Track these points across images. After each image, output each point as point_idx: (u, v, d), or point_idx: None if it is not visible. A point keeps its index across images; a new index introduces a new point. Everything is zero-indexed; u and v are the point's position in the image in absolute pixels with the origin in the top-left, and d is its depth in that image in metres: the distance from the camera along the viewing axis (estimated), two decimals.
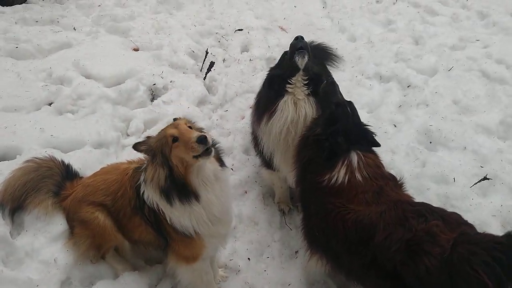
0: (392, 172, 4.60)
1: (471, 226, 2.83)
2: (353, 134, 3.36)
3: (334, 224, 3.09)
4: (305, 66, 3.79)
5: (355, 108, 3.58)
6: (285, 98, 3.87)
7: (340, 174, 3.19)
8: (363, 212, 2.98)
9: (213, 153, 2.99)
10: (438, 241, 2.61)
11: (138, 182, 3.23)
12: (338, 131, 3.32)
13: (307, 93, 3.84)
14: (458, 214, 2.93)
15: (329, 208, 3.14)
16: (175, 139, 2.97)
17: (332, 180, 3.19)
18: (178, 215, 3.10)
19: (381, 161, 3.47)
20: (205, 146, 2.89)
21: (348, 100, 3.66)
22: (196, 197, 3.05)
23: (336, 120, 3.39)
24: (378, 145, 3.51)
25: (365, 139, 3.44)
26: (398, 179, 3.37)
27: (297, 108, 3.84)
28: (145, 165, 3.17)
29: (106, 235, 3.42)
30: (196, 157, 2.94)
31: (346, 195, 3.14)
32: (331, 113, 3.46)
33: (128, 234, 3.49)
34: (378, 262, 2.83)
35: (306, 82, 3.83)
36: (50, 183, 3.68)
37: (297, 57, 3.78)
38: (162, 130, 3.12)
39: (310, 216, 3.45)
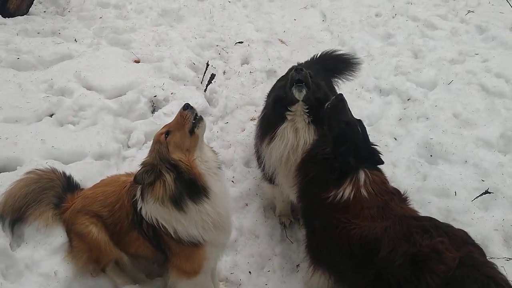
0: (393, 185, 4.67)
1: (478, 248, 2.81)
2: (362, 153, 3.36)
3: (339, 239, 3.08)
4: (304, 97, 3.77)
5: (365, 127, 3.56)
6: (284, 125, 3.88)
7: (346, 191, 3.18)
8: (368, 227, 2.97)
9: (204, 120, 3.12)
10: (443, 259, 2.60)
11: (135, 198, 3.21)
12: (349, 151, 3.30)
13: (307, 121, 3.85)
14: (465, 232, 2.91)
15: (334, 224, 3.12)
16: (166, 133, 3.02)
17: (338, 197, 3.18)
18: (187, 224, 3.06)
19: (386, 177, 3.47)
20: (194, 111, 3.05)
21: (358, 118, 3.63)
22: (206, 192, 3.04)
23: (346, 139, 3.37)
24: (382, 162, 3.51)
25: (373, 158, 3.44)
26: (402, 193, 3.37)
27: (297, 136, 3.84)
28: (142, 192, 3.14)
29: (101, 249, 3.39)
30: (192, 130, 3.02)
31: (352, 211, 3.13)
32: (340, 131, 3.42)
33: (125, 247, 3.46)
34: (382, 278, 2.81)
35: (306, 110, 3.84)
36: (51, 195, 3.66)
37: (294, 91, 3.76)
38: (152, 144, 3.15)
39: (314, 232, 3.43)
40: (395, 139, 5.37)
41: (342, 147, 3.33)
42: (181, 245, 3.14)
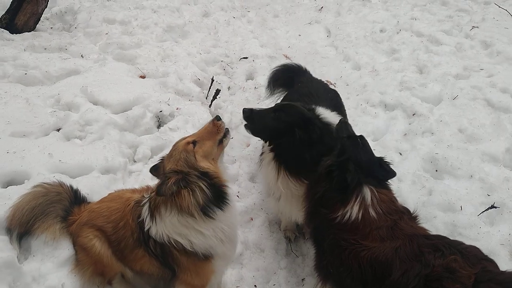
0: (398, 199, 4.66)
1: (492, 262, 2.75)
2: (365, 167, 3.31)
3: (348, 262, 3.02)
4: (252, 133, 3.98)
5: (367, 142, 3.55)
6: (263, 155, 4.07)
7: (353, 210, 3.13)
8: (378, 249, 2.91)
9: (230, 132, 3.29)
10: (458, 278, 2.54)
11: (141, 218, 3.22)
12: (348, 160, 3.28)
13: (271, 157, 3.89)
14: (477, 248, 2.85)
15: (343, 245, 3.07)
16: (193, 142, 3.04)
17: (346, 216, 3.13)
18: (208, 233, 3.08)
19: (395, 196, 3.41)
20: (224, 123, 3.18)
21: (360, 134, 3.63)
22: (228, 198, 3.10)
23: (346, 151, 3.37)
24: (394, 174, 3.46)
25: (380, 171, 3.38)
26: (412, 212, 3.31)
27: (267, 171, 3.95)
28: (157, 205, 3.11)
29: (104, 263, 3.40)
30: (221, 140, 3.14)
31: (360, 232, 3.07)
32: (342, 145, 3.44)
33: (129, 264, 3.46)
34: None
35: (269, 147, 3.92)
36: (58, 208, 3.67)
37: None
38: (172, 153, 3.13)
39: (324, 253, 3.35)
40: (400, 154, 5.37)
41: (343, 156, 3.34)
42: (192, 259, 3.15)
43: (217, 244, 3.13)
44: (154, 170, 3.29)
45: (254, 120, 3.90)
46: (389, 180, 3.46)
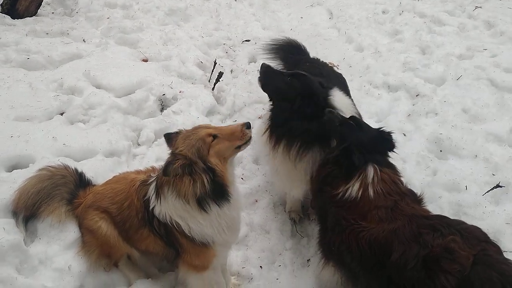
0: (403, 180, 4.66)
1: (494, 245, 2.71)
2: (367, 145, 3.32)
3: (348, 241, 3.04)
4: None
5: (361, 120, 3.56)
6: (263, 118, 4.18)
7: (354, 188, 3.14)
8: (376, 230, 2.91)
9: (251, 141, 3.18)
10: (457, 258, 2.52)
11: (147, 197, 3.22)
12: (350, 145, 3.29)
13: (267, 116, 4.00)
14: (479, 228, 2.82)
15: (343, 225, 3.09)
16: (214, 136, 3.00)
17: (347, 194, 3.14)
18: (204, 224, 3.08)
19: (400, 177, 3.40)
20: (251, 131, 3.10)
21: (351, 116, 3.62)
22: (229, 197, 3.07)
23: (345, 137, 3.37)
24: (393, 146, 3.48)
25: (383, 143, 3.41)
26: (417, 194, 3.30)
27: (261, 130, 4.02)
28: (161, 184, 3.10)
29: (111, 244, 3.42)
30: (240, 146, 3.07)
31: (359, 211, 3.08)
32: (339, 133, 3.45)
33: (135, 244, 3.48)
34: (395, 283, 2.77)
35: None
36: (64, 191, 3.68)
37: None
38: (190, 136, 3.04)
39: (326, 230, 3.39)
40: (404, 135, 5.36)
41: (343, 145, 3.34)
42: (191, 242, 3.16)
43: (215, 234, 3.14)
44: (168, 137, 3.21)
45: (269, 77, 3.96)
46: (394, 161, 3.48)
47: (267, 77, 3.98)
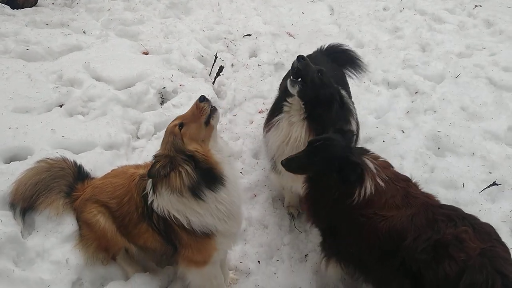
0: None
1: (503, 244, 2.76)
2: (346, 147, 3.25)
3: (368, 236, 3.02)
4: (298, 93, 3.70)
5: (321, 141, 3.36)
6: (281, 116, 3.90)
7: (367, 185, 3.09)
8: (395, 217, 2.94)
9: (218, 110, 3.15)
10: (465, 248, 2.59)
11: (145, 191, 3.23)
12: (342, 159, 3.16)
13: (303, 116, 3.78)
14: (491, 226, 2.87)
15: (362, 222, 3.06)
16: (180, 125, 3.01)
17: (362, 194, 3.09)
18: (203, 213, 3.08)
19: (389, 166, 3.39)
20: (210, 103, 3.07)
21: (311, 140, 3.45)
22: (222, 179, 3.06)
23: (332, 157, 3.19)
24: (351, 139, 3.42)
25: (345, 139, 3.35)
26: (411, 179, 3.33)
27: (290, 129, 3.82)
28: (154, 185, 3.12)
29: (108, 238, 3.41)
30: (208, 120, 3.04)
31: (376, 204, 3.06)
32: (321, 159, 3.24)
33: (133, 239, 3.48)
34: (405, 265, 2.81)
35: (303, 105, 3.76)
36: (62, 184, 3.67)
37: (289, 84, 3.72)
38: (163, 138, 3.12)
39: (339, 236, 3.31)
40: (403, 132, 5.37)
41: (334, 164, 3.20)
42: (192, 236, 3.16)
43: (216, 223, 3.13)
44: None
45: (309, 72, 3.70)
46: (391, 158, 3.47)
47: (305, 79, 3.71)
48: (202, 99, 3.08)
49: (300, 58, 3.71)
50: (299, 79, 3.70)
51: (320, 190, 3.32)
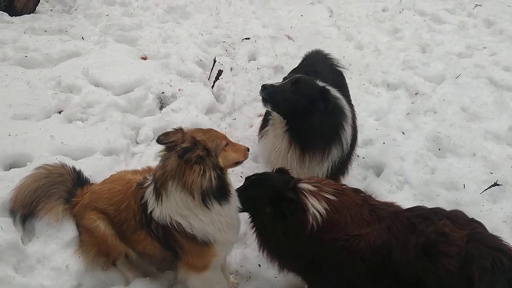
0: (401, 178, 4.67)
1: (479, 223, 2.80)
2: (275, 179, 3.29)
3: (350, 260, 2.91)
4: (273, 110, 3.85)
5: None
6: (268, 127, 4.05)
7: (316, 205, 3.00)
8: (371, 234, 2.86)
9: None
10: (453, 241, 2.58)
11: (144, 200, 3.21)
12: (271, 192, 3.17)
13: (284, 130, 3.89)
14: (461, 211, 2.90)
15: (338, 247, 2.93)
16: (227, 143, 3.12)
17: (317, 216, 2.98)
18: (205, 221, 3.09)
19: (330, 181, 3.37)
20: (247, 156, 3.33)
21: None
22: (229, 197, 3.12)
23: (262, 195, 3.22)
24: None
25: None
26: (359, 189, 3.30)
27: (275, 142, 3.96)
28: (166, 175, 3.05)
29: (108, 243, 3.40)
30: (239, 162, 3.24)
31: (343, 222, 2.96)
32: (249, 196, 3.31)
33: (132, 245, 3.48)
34: (401, 277, 2.73)
35: (282, 119, 3.88)
36: (61, 190, 3.66)
37: (262, 102, 3.86)
38: (210, 132, 3.14)
39: (323, 273, 3.15)
40: (403, 133, 5.37)
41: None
42: (192, 242, 3.16)
43: (216, 232, 3.14)
44: (165, 135, 3.11)
45: (275, 96, 3.80)
46: (391, 159, 3.43)
47: (273, 97, 3.82)
48: (248, 150, 3.32)
49: (263, 88, 3.80)
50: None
51: (264, 232, 3.30)
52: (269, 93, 3.79)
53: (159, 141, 3.05)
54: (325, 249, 3.01)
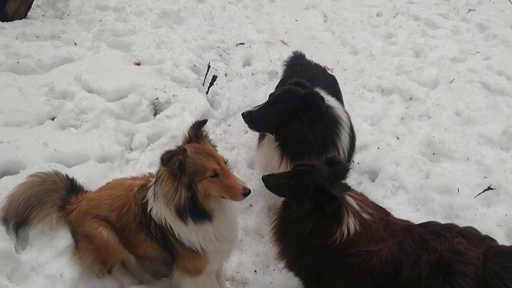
0: (396, 183, 4.67)
1: (493, 240, 2.77)
2: (328, 178, 3.08)
3: (359, 277, 2.87)
4: (259, 131, 4.18)
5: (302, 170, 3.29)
6: (264, 140, 4.16)
7: (350, 224, 2.93)
8: (384, 250, 2.83)
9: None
10: (468, 259, 2.54)
11: (145, 199, 3.22)
12: (320, 188, 3.00)
13: (276, 144, 3.97)
14: (475, 228, 2.85)
15: (350, 263, 2.89)
16: (215, 175, 2.99)
17: (345, 233, 2.93)
18: (187, 231, 3.11)
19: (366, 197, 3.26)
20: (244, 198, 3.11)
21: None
22: (210, 218, 3.07)
23: (307, 185, 3.05)
24: (346, 173, 3.27)
25: (338, 169, 3.20)
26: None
27: (269, 155, 4.06)
28: (157, 179, 3.10)
29: (110, 250, 3.39)
30: (225, 198, 3.09)
31: (363, 241, 2.92)
32: (295, 185, 3.13)
33: (133, 249, 3.47)
34: None
35: (272, 135, 4.01)
36: (55, 197, 3.65)
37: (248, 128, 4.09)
38: (201, 154, 3.02)
39: (326, 283, 3.15)
40: (398, 138, 5.37)
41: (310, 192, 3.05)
42: (183, 247, 3.18)
43: (203, 242, 3.16)
44: (200, 123, 3.18)
45: (256, 121, 3.94)
46: (386, 164, 3.38)
47: (255, 122, 3.97)
48: (247, 193, 3.07)
49: (242, 116, 3.97)
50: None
51: (290, 221, 3.14)
52: (249, 120, 3.94)
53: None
54: (337, 263, 2.98)
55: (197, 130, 3.14)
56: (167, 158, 2.88)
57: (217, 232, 3.17)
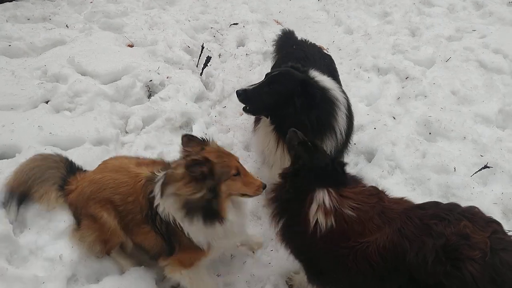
0: (392, 163, 4.66)
1: (498, 223, 2.68)
2: (319, 171, 3.02)
3: (357, 266, 2.80)
4: (254, 114, 4.11)
5: (320, 145, 3.34)
6: (259, 125, 4.10)
7: (320, 219, 2.88)
8: (380, 238, 2.73)
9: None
10: (475, 244, 2.47)
11: (152, 194, 3.25)
12: (302, 166, 3.05)
13: (271, 128, 3.91)
14: (476, 208, 2.76)
15: (345, 253, 2.83)
16: (237, 173, 3.12)
17: (321, 226, 2.87)
18: (195, 231, 3.17)
19: (365, 185, 3.17)
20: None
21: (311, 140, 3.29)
22: (222, 221, 3.12)
23: (301, 157, 3.10)
24: (345, 177, 3.12)
25: (333, 174, 3.07)
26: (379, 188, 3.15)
27: (265, 139, 4.00)
28: (169, 176, 3.15)
29: (112, 231, 3.42)
30: (247, 195, 3.22)
31: (354, 234, 2.84)
32: (295, 151, 3.17)
33: (132, 236, 3.51)
34: (416, 281, 2.64)
35: (267, 118, 3.93)
36: (56, 175, 3.66)
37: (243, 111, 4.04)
38: (223, 157, 3.15)
39: (323, 273, 3.13)
40: (394, 118, 5.36)
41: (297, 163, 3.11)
42: (189, 241, 3.25)
43: (211, 240, 3.25)
44: (189, 138, 3.26)
45: (251, 101, 3.87)
46: (383, 145, 3.34)
47: (250, 102, 3.92)
48: (265, 187, 3.27)
49: (237, 94, 3.90)
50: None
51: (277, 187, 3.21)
52: (243, 99, 3.88)
53: (183, 138, 3.22)
54: (328, 253, 2.95)
55: (197, 139, 3.25)
56: (192, 165, 2.98)
57: (227, 231, 3.23)
